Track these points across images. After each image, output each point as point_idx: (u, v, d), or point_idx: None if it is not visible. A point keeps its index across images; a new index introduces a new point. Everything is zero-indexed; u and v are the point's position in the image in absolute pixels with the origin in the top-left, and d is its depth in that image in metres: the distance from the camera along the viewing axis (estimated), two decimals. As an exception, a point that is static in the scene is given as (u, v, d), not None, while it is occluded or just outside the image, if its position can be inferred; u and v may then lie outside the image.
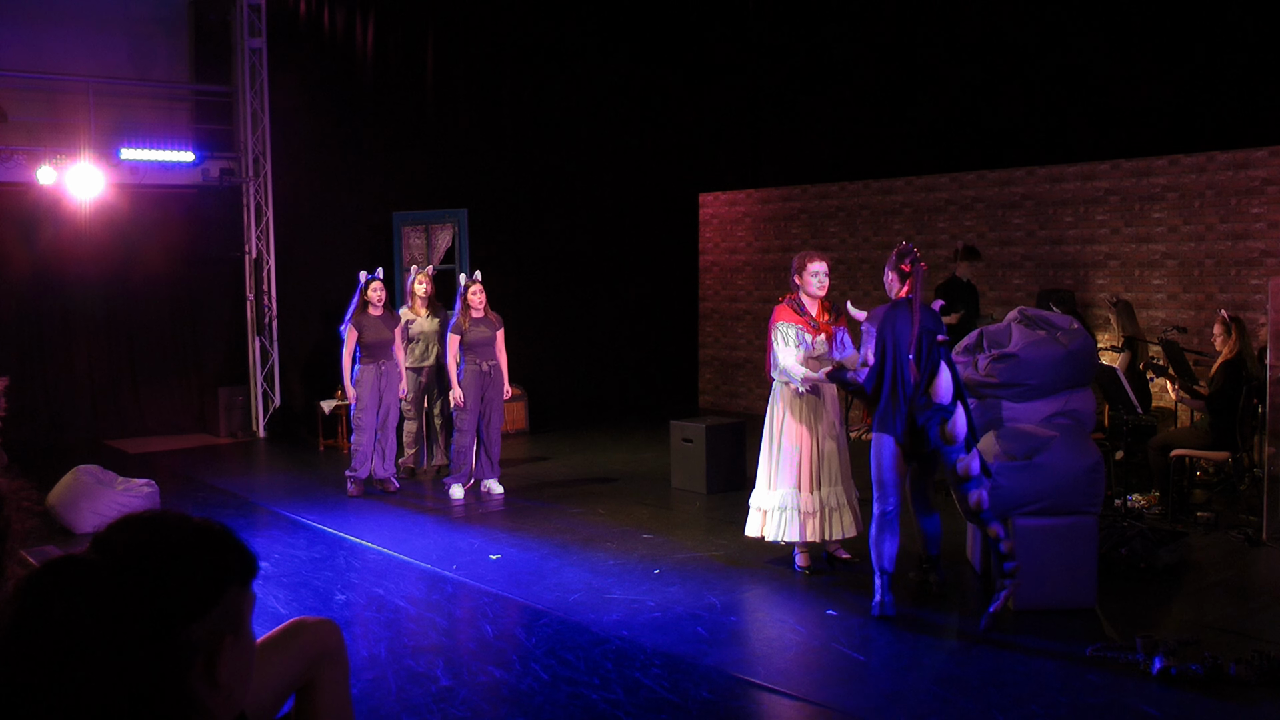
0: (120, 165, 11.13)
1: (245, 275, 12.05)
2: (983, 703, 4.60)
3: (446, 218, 11.82)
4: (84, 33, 11.36)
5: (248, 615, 1.44)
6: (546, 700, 4.66)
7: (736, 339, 13.76)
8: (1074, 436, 5.82)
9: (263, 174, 12.01)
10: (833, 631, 5.45)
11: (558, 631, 5.53)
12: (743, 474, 8.95)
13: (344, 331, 8.73)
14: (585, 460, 10.40)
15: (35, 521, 1.85)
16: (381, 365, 8.75)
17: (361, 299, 8.73)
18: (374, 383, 8.72)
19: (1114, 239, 10.35)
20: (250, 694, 1.48)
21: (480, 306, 8.63)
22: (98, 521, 7.32)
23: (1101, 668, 4.87)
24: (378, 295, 8.73)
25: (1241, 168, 9.56)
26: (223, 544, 1.41)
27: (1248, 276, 9.51)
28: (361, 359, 8.72)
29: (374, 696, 4.72)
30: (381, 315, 8.76)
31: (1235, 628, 5.39)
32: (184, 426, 12.20)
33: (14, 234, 11.06)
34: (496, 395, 8.75)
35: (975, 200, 11.41)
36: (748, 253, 13.59)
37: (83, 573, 1.31)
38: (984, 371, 6.12)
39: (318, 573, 6.71)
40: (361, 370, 8.71)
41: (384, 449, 8.87)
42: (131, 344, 11.92)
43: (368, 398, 8.70)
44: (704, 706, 4.58)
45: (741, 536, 6.85)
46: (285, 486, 9.55)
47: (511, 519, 8.07)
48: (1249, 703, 4.47)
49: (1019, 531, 5.65)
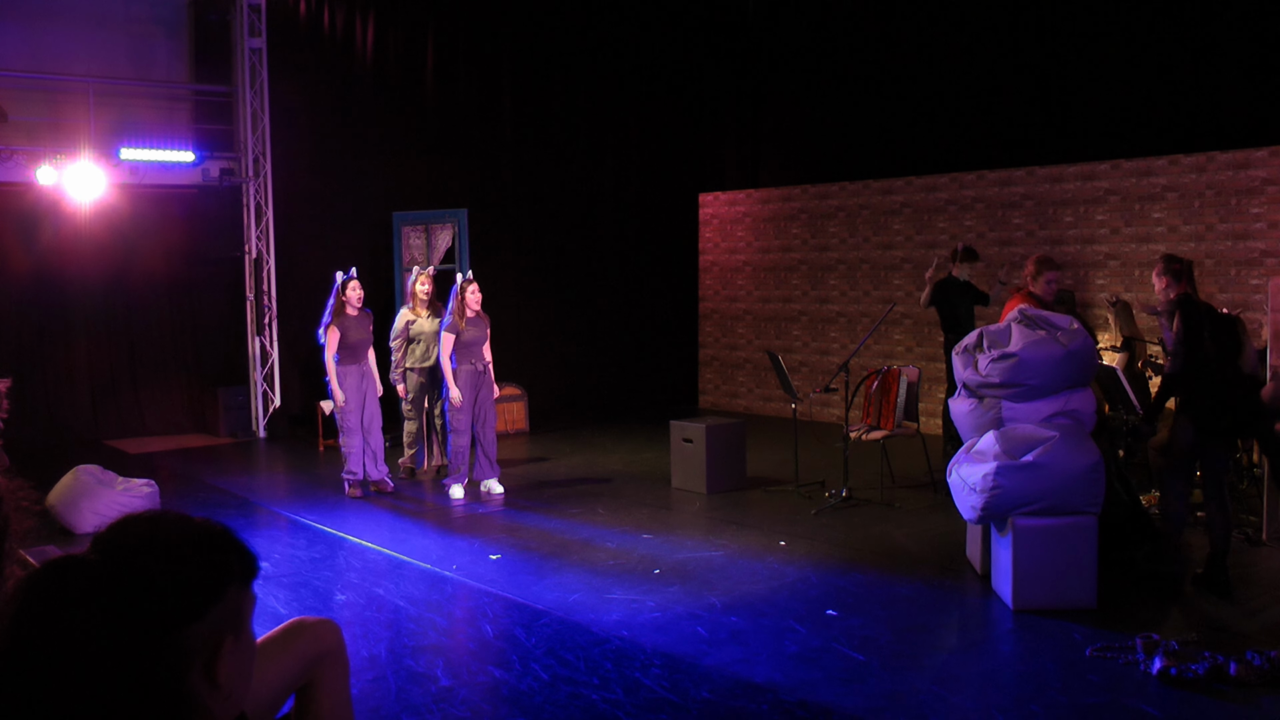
0: (120, 165, 11.12)
1: (245, 275, 12.05)
2: (983, 703, 4.60)
3: (446, 218, 11.82)
4: (84, 33, 11.36)
5: (248, 615, 1.44)
6: (546, 700, 4.65)
7: (736, 339, 13.76)
8: (1074, 436, 5.82)
9: (263, 174, 12.01)
10: (833, 631, 5.45)
11: (558, 631, 5.53)
12: (743, 474, 8.96)
13: (323, 335, 8.62)
14: (585, 460, 10.40)
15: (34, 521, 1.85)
16: (363, 366, 8.74)
17: (339, 300, 8.63)
18: (357, 384, 8.70)
19: (1114, 239, 10.35)
20: (250, 694, 1.48)
21: (477, 305, 8.62)
22: (98, 521, 7.32)
23: (1101, 668, 4.87)
24: (356, 295, 8.66)
25: (1241, 168, 9.56)
26: (223, 544, 1.41)
27: (1248, 276, 9.51)
28: (342, 360, 8.63)
29: (374, 696, 4.72)
30: (358, 315, 8.71)
31: (1235, 628, 5.38)
32: (184, 426, 12.20)
33: (14, 234, 11.06)
34: (489, 395, 8.75)
35: (975, 200, 11.41)
36: (748, 253, 13.59)
37: (83, 573, 1.31)
38: (984, 371, 6.12)
39: (318, 573, 6.71)
40: (344, 372, 8.66)
41: (373, 450, 8.85)
42: (131, 344, 11.92)
43: (353, 399, 8.67)
44: (704, 706, 4.58)
45: (741, 536, 6.85)
46: (285, 486, 9.56)
47: (511, 519, 8.07)
48: (1249, 703, 4.47)
49: (1019, 531, 5.65)
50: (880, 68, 12.44)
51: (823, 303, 12.77)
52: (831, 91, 13.02)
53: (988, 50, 11.52)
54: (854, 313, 12.44)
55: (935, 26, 12.00)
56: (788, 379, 8.99)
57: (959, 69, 11.78)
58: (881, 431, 8.63)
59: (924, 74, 12.06)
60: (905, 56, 12.22)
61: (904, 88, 12.23)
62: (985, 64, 11.52)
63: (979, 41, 11.61)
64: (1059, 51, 10.98)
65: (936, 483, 8.39)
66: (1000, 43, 11.40)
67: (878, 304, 12.07)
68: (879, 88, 12.46)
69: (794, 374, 11.98)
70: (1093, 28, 10.76)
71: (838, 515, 7.93)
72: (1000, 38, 11.40)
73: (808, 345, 12.92)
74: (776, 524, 7.71)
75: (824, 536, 7.34)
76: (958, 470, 6.00)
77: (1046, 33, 11.07)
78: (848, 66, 12.79)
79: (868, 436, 8.65)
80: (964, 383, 6.32)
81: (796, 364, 12.74)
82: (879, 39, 12.49)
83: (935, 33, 11.99)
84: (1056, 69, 10.97)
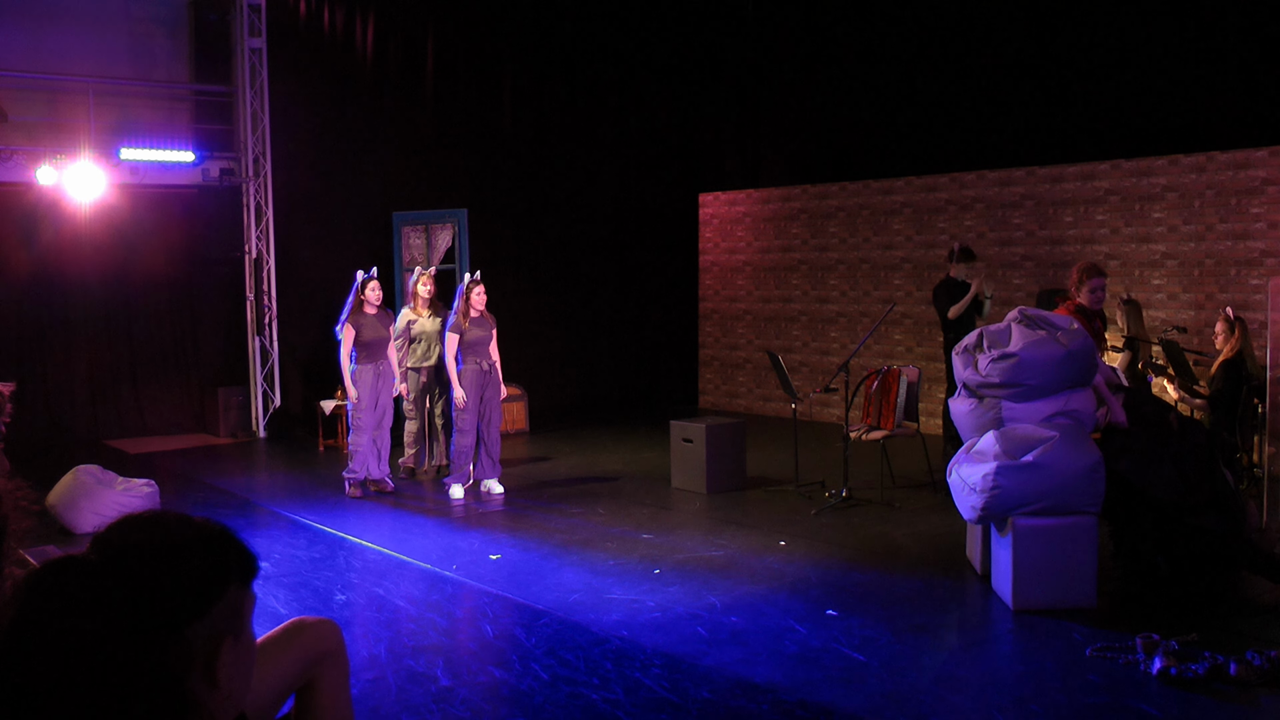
0: (120, 165, 11.12)
1: (245, 275, 12.05)
2: (983, 703, 4.60)
3: (446, 218, 11.82)
4: (84, 33, 11.36)
5: (248, 615, 1.44)
6: (546, 700, 4.65)
7: (737, 339, 13.76)
8: (1074, 436, 5.82)
9: (263, 174, 12.01)
10: (833, 631, 5.45)
11: (558, 631, 5.53)
12: (743, 474, 8.96)
13: (340, 331, 8.72)
14: (585, 460, 10.40)
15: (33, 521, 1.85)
16: (379, 365, 8.75)
17: (357, 299, 8.72)
18: (372, 383, 8.72)
19: (1114, 239, 10.35)
20: (250, 694, 1.48)
21: (482, 305, 8.64)
22: (98, 521, 7.31)
23: (1101, 668, 4.87)
24: (374, 294, 8.72)
25: (1241, 168, 9.56)
26: (222, 544, 1.41)
27: (1248, 276, 9.51)
28: (359, 359, 8.71)
29: (374, 696, 4.72)
30: (377, 314, 8.76)
31: (1235, 628, 5.38)
32: (184, 426, 12.20)
33: (14, 234, 11.06)
34: (495, 395, 8.76)
35: (975, 200, 11.41)
36: (748, 253, 13.59)
37: (82, 573, 1.31)
38: (984, 371, 6.12)
39: (318, 573, 6.71)
40: (360, 370, 8.70)
41: (380, 450, 8.87)
42: (131, 344, 11.92)
43: (366, 398, 8.70)
44: (704, 706, 4.58)
45: (741, 536, 6.85)
46: (285, 486, 9.56)
47: (511, 519, 8.07)
48: (1249, 703, 4.47)
49: (1019, 531, 5.65)
50: (880, 68, 12.43)
51: (823, 303, 12.77)
52: (831, 91, 13.02)
53: (988, 50, 11.52)
54: (854, 313, 12.44)
55: (935, 26, 12.00)
56: (788, 379, 8.99)
57: (959, 69, 11.78)
58: (881, 431, 8.63)
59: (924, 74, 12.05)
60: (905, 56, 12.21)
61: (904, 88, 12.23)
62: (985, 64, 11.52)
63: (979, 41, 11.61)
64: (1059, 51, 10.98)
65: (936, 483, 8.38)
66: (1000, 43, 11.40)
67: (878, 304, 12.07)
68: (879, 88, 12.46)
69: (794, 374, 11.98)
70: (1093, 28, 10.76)
71: (838, 515, 7.93)
72: (1000, 38, 11.40)
73: (808, 345, 12.92)
74: (776, 524, 7.71)
75: (824, 536, 7.34)
76: (958, 470, 6.00)
77: (1046, 33, 11.07)
78: (847, 67, 12.79)
79: (868, 436, 8.65)
80: (964, 383, 6.32)
81: (796, 364, 12.74)
82: (879, 39, 12.49)
83: (935, 33, 11.99)
84: (1056, 69, 10.97)
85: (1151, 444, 6.01)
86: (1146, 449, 5.98)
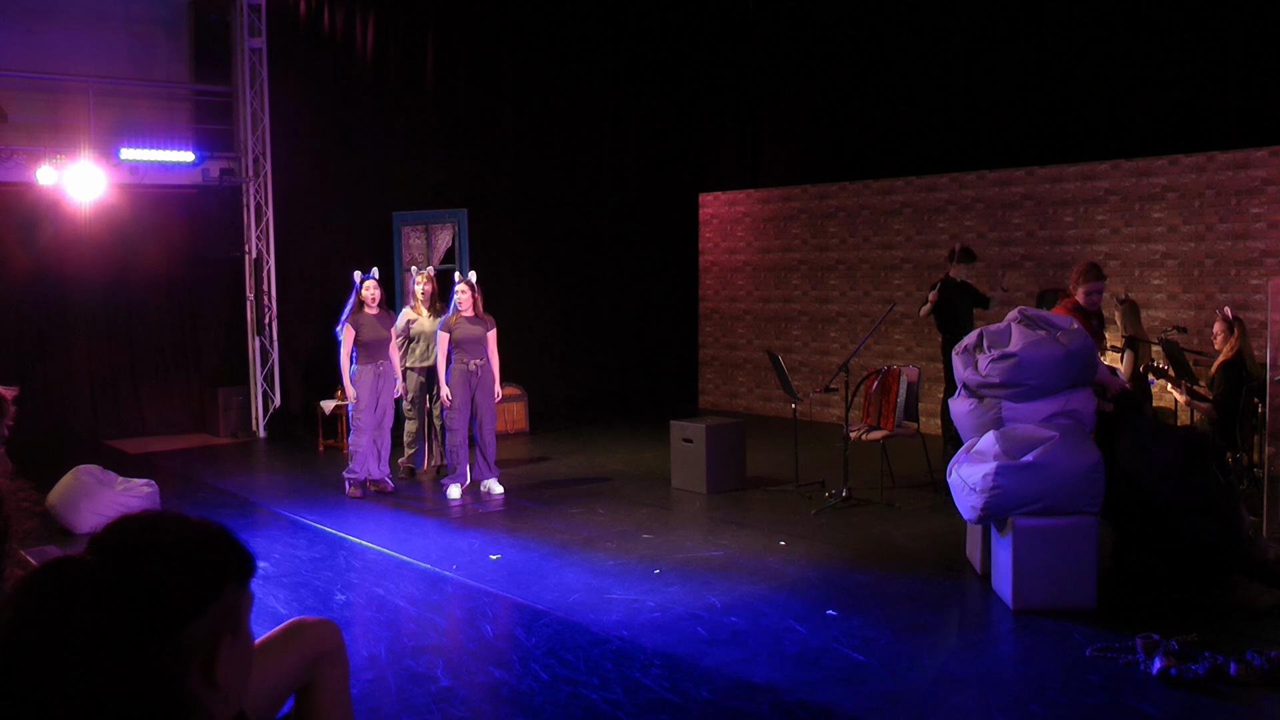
0: (120, 165, 11.12)
1: (245, 275, 12.05)
2: (983, 703, 4.60)
3: (446, 218, 11.82)
4: (84, 33, 11.36)
5: (246, 615, 1.44)
6: (546, 700, 4.65)
7: (737, 339, 13.75)
8: (1074, 436, 5.82)
9: (263, 174, 12.01)
10: (833, 631, 5.45)
11: (557, 631, 5.53)
12: (743, 474, 8.96)
13: (340, 331, 8.73)
14: (585, 460, 10.40)
15: (34, 521, 1.85)
16: (379, 365, 8.75)
17: (357, 299, 8.72)
18: (372, 383, 8.72)
19: (1114, 239, 10.35)
20: (250, 694, 1.48)
21: (466, 306, 8.61)
22: (98, 521, 7.27)
23: (1101, 668, 4.87)
24: (373, 295, 8.72)
25: (1241, 168, 9.56)
26: (220, 543, 1.41)
27: (1248, 276, 9.51)
28: (359, 359, 8.71)
29: (374, 696, 4.72)
30: (377, 314, 8.76)
31: (1235, 628, 5.38)
32: (184, 426, 12.20)
33: (14, 234, 11.06)
34: (487, 395, 8.72)
35: (975, 200, 11.41)
36: (748, 253, 13.59)
37: (81, 573, 1.31)
38: (984, 371, 6.11)
39: (318, 573, 6.71)
40: (359, 370, 8.71)
41: (380, 450, 8.87)
42: (131, 344, 11.92)
43: (366, 398, 8.69)
44: (704, 706, 4.58)
45: (741, 536, 6.85)
46: (285, 486, 9.56)
47: (511, 519, 8.07)
48: (1249, 703, 4.47)
49: (1019, 531, 5.65)
50: (880, 68, 12.43)
51: (823, 303, 12.77)
52: (831, 91, 13.01)
53: (988, 50, 11.52)
54: (854, 313, 12.44)
55: (935, 27, 11.99)
56: (788, 379, 8.99)
57: (959, 69, 11.78)
58: (881, 431, 8.63)
59: (924, 74, 12.05)
60: (905, 56, 12.21)
61: (904, 88, 12.23)
62: (985, 64, 11.52)
63: (979, 42, 11.60)
64: (1059, 51, 10.97)
65: (936, 483, 8.38)
66: (1000, 43, 11.40)
67: (878, 304, 12.07)
68: (879, 88, 12.45)
69: (794, 374, 11.98)
70: (1093, 28, 10.75)
71: (838, 515, 7.93)
72: (1000, 38, 11.40)
73: (808, 345, 12.92)
74: (776, 524, 7.70)
75: (824, 536, 7.34)
76: (958, 470, 6.00)
77: (1047, 32, 11.07)
78: (847, 67, 12.78)
79: (868, 436, 8.65)
80: (964, 383, 6.32)
81: (796, 364, 12.74)
82: (879, 39, 12.48)
83: (935, 33, 11.99)
84: (1057, 69, 10.97)
85: (1151, 432, 6.04)
86: (1145, 438, 6.00)
